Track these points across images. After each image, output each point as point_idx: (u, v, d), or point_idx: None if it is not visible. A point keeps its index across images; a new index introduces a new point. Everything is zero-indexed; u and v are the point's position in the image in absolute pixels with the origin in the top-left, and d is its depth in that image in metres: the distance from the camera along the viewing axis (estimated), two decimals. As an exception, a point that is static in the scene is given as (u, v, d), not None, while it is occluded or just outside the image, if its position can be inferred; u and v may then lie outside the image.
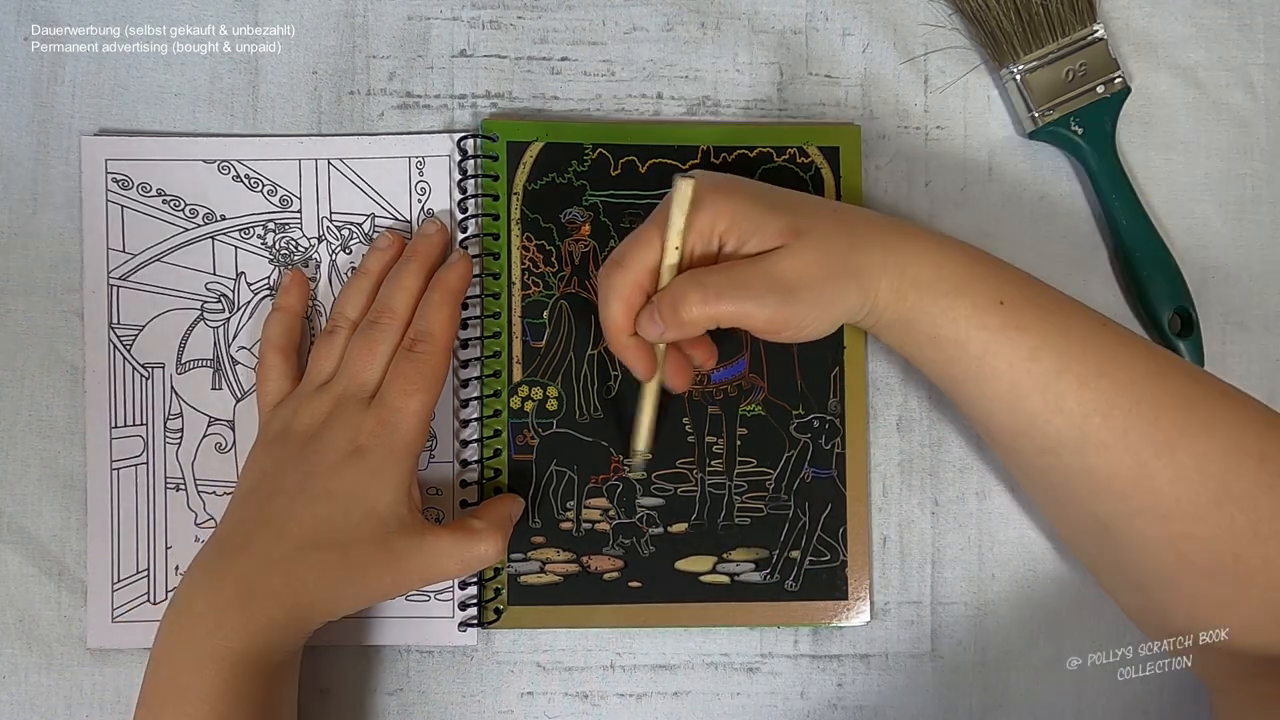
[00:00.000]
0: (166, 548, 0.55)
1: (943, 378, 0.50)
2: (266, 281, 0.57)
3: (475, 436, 0.56)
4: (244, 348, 0.56)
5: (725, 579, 0.56)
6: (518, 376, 0.56)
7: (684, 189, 0.47)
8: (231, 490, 0.54)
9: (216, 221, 0.56)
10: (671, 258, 0.48)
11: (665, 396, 0.53)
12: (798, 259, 0.47)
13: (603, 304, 0.49)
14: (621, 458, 0.56)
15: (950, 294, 0.47)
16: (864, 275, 0.47)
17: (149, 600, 0.55)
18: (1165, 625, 0.49)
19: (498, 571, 0.55)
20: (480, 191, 0.56)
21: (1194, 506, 0.45)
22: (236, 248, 0.57)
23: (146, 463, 0.56)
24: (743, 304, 0.46)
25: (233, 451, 0.56)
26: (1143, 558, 0.47)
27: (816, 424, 0.56)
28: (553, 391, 0.56)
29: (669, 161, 0.57)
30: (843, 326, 0.56)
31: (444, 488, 0.56)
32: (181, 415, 0.56)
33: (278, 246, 0.57)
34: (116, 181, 0.56)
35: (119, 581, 0.55)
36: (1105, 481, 0.47)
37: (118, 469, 0.55)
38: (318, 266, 0.57)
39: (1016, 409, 0.47)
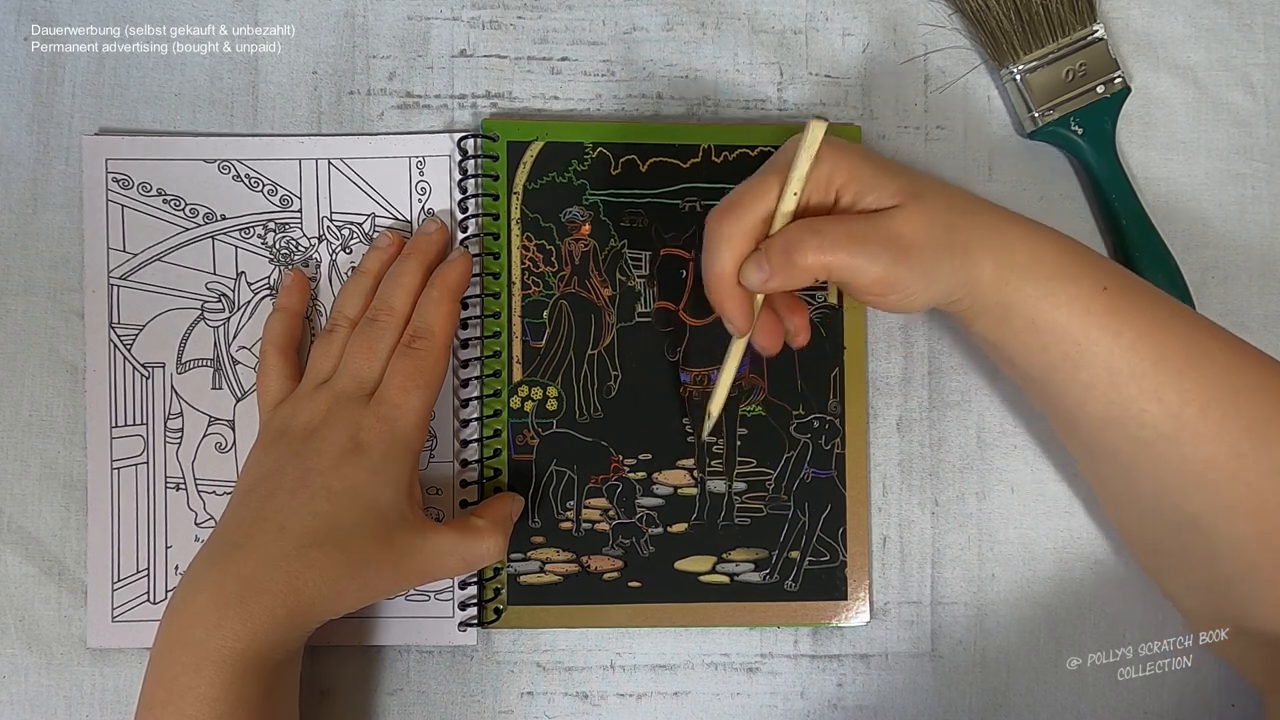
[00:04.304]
0: (166, 547, 0.55)
1: (1032, 365, 0.48)
2: (266, 281, 0.57)
3: (475, 436, 0.56)
4: (244, 347, 0.56)
5: (725, 579, 0.56)
6: (518, 376, 0.56)
7: (815, 130, 0.45)
8: (231, 490, 0.54)
9: (217, 221, 0.56)
10: (789, 204, 0.46)
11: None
12: (913, 221, 0.46)
13: (710, 249, 0.47)
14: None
15: (1054, 279, 0.47)
16: (970, 252, 0.47)
17: (149, 600, 0.55)
18: (1239, 624, 0.48)
19: (497, 571, 0.55)
20: (480, 191, 0.56)
21: None
22: (237, 247, 0.57)
23: (146, 462, 0.56)
24: (856, 257, 0.45)
25: (233, 451, 0.56)
26: (1232, 554, 0.47)
27: (816, 424, 0.56)
28: (553, 391, 0.56)
29: (669, 161, 0.57)
30: (841, 324, 0.56)
31: (444, 487, 0.56)
32: (182, 415, 0.56)
33: (278, 246, 0.57)
34: (117, 181, 0.56)
35: (119, 581, 0.55)
36: (1200, 474, 0.46)
37: (118, 469, 0.55)
38: (318, 266, 0.57)
39: (1111, 397, 0.47)
